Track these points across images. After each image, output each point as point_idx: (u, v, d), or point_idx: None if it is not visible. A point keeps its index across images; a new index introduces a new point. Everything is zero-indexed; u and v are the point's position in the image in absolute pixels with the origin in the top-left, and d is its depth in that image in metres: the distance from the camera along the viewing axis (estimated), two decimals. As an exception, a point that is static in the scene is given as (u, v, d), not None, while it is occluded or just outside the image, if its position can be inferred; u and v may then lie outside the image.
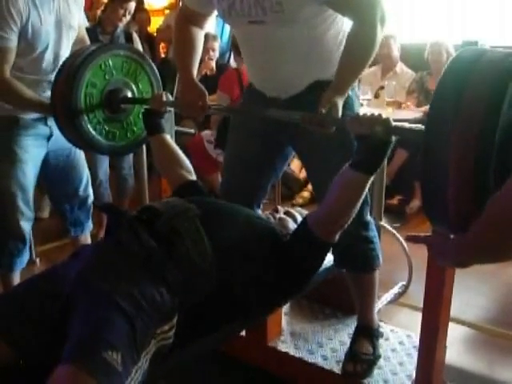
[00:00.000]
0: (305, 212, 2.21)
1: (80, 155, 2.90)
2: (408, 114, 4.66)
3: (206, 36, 4.91)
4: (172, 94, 2.91)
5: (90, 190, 3.03)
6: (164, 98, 2.30)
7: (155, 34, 6.60)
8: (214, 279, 1.71)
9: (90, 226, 3.10)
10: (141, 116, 2.43)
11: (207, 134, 4.71)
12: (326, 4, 1.91)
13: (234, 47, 4.57)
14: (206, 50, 4.95)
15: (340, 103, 1.92)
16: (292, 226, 2.08)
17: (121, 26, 4.15)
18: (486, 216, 1.14)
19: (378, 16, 1.89)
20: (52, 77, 2.59)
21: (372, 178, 1.77)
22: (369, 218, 2.21)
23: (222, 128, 4.13)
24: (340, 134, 1.94)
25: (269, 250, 1.86)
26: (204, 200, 2.00)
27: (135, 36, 4.33)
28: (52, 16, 2.53)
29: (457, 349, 2.64)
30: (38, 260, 3.82)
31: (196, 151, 4.65)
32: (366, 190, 1.79)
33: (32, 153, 2.69)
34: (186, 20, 2.26)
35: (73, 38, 2.68)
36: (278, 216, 2.13)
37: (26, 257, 2.86)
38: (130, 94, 2.62)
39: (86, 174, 2.97)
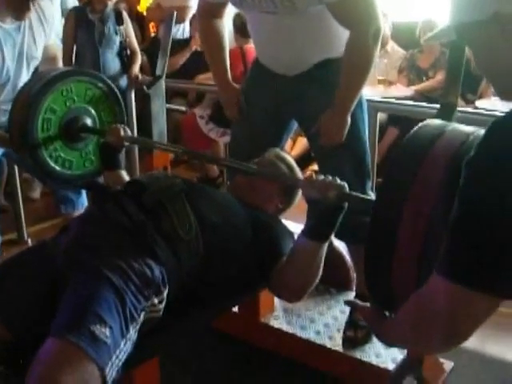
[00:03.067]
0: (281, 153, 2.20)
1: None
2: (398, 92, 4.67)
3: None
4: (163, 72, 2.88)
5: None
6: (122, 133, 2.22)
7: (145, 13, 6.54)
8: (201, 251, 1.73)
9: (82, 202, 3.09)
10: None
11: (199, 110, 4.70)
12: (327, 8, 1.95)
13: (235, 27, 4.56)
14: (196, 27, 4.93)
15: (337, 126, 2.06)
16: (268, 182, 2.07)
17: (110, 4, 4.11)
18: (403, 311, 1.13)
19: (370, 33, 1.95)
20: (8, 106, 2.54)
21: (326, 245, 1.73)
22: (370, 192, 2.25)
23: (219, 104, 4.15)
24: None
25: (249, 240, 1.86)
26: (188, 179, 2.02)
27: (125, 15, 4.28)
28: (15, 49, 2.50)
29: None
30: (29, 240, 3.81)
31: (188, 127, 4.66)
32: (322, 255, 1.75)
33: None
34: (206, 14, 2.31)
35: (34, 67, 2.64)
36: (250, 181, 2.08)
37: None
38: (90, 123, 2.52)
39: None
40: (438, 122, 1.38)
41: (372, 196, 2.26)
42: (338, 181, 1.66)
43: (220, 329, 2.49)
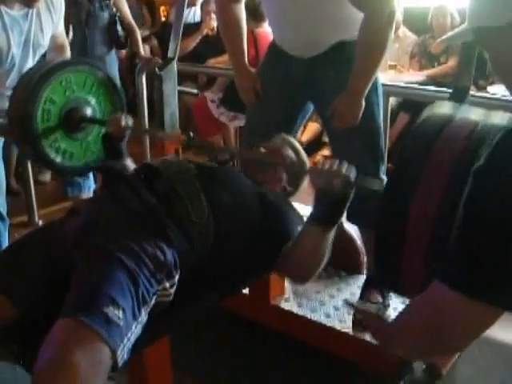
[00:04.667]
0: (288, 137, 2.19)
1: None
2: (410, 78, 4.65)
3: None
4: (175, 55, 2.87)
5: None
6: (123, 122, 2.18)
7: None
8: (212, 236, 1.73)
9: (89, 185, 3.09)
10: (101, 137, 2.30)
11: (210, 93, 4.70)
12: None
13: (247, 11, 4.52)
14: (207, 12, 4.92)
15: (352, 109, 2.07)
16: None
17: None
18: (406, 320, 1.12)
19: (384, 14, 1.95)
20: None
21: (333, 231, 1.73)
22: (384, 176, 2.25)
23: (230, 88, 4.15)
24: None
25: (259, 220, 1.85)
26: (201, 162, 2.01)
27: None
28: (22, 37, 2.48)
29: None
30: (40, 222, 3.83)
31: (199, 111, 4.66)
32: (329, 241, 1.75)
33: None
34: None
35: (40, 54, 2.61)
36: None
37: (5, 236, 2.81)
38: (90, 113, 2.48)
39: None
40: (446, 107, 1.36)
41: (385, 179, 2.26)
42: (345, 168, 1.65)
43: (230, 311, 2.50)
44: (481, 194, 0.95)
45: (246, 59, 2.39)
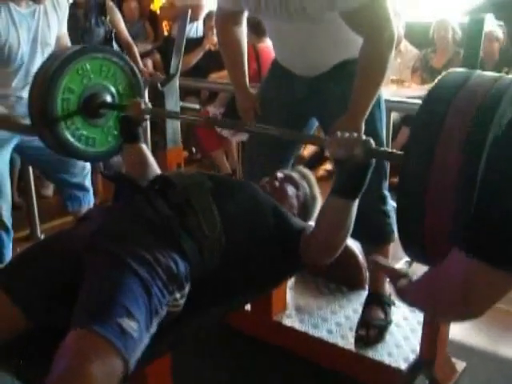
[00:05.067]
0: (305, 170, 2.23)
1: None
2: (411, 92, 4.65)
3: (211, 13, 4.91)
4: (177, 71, 2.88)
5: (81, 177, 3.02)
6: (142, 106, 2.22)
7: (158, 12, 6.56)
8: (223, 249, 1.73)
9: (89, 199, 3.09)
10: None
11: (212, 108, 4.71)
12: (340, 16, 1.95)
13: (249, 26, 4.54)
14: (210, 27, 4.94)
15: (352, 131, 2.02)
16: (291, 191, 2.10)
17: None
18: (427, 277, 1.15)
19: (384, 39, 1.94)
20: (21, 93, 2.55)
21: (356, 203, 1.73)
22: (386, 192, 2.25)
23: (232, 103, 4.17)
24: None
25: (272, 226, 1.86)
26: (214, 174, 2.02)
27: (111, 5, 4.16)
28: (30, 34, 2.50)
29: (460, 324, 2.65)
30: (42, 237, 3.83)
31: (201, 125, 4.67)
32: (353, 213, 1.74)
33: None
34: (225, 21, 2.32)
35: (48, 53, 2.62)
36: (276, 184, 2.10)
37: (9, 247, 2.82)
38: (109, 98, 2.50)
39: (73, 163, 2.93)
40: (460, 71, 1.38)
41: (388, 194, 2.26)
42: (363, 137, 1.65)
43: (233, 327, 2.49)
44: (499, 167, 0.95)
45: (247, 79, 2.40)
